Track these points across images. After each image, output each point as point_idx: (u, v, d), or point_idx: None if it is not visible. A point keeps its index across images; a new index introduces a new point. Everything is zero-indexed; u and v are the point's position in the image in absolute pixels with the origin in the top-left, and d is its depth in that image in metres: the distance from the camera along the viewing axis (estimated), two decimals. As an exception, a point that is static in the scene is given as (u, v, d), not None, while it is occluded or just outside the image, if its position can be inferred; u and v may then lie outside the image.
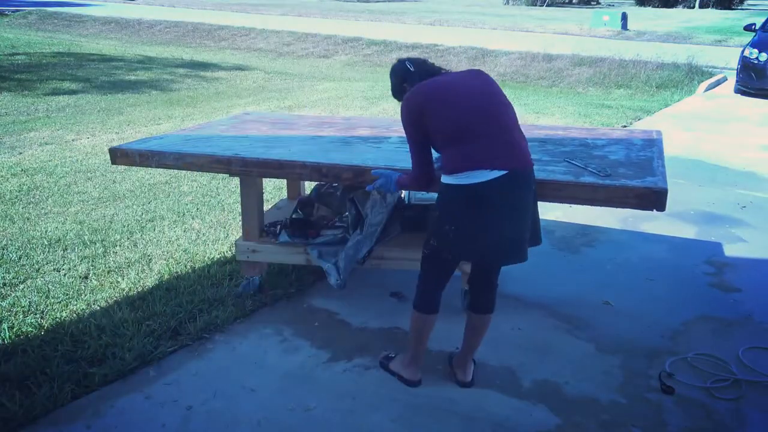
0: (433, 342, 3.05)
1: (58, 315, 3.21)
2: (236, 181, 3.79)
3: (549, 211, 4.83)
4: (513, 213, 2.36)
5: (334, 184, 3.61)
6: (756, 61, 10.10)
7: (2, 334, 3.02)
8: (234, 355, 2.95)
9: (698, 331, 3.22)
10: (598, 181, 2.69)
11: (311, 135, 3.65)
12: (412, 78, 2.50)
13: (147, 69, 12.10)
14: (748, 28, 11.40)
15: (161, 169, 5.22)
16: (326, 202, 3.64)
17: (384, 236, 3.35)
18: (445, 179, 2.38)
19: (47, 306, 3.30)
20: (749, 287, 3.71)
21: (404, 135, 2.49)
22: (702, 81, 11.30)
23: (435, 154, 2.52)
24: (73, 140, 6.77)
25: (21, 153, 6.22)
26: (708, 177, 5.88)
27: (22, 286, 3.52)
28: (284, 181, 4.77)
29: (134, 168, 5.36)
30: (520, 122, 2.50)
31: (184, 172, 5.23)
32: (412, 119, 2.40)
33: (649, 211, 2.70)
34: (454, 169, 2.33)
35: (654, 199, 2.59)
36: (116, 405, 2.57)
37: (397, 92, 2.60)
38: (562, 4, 38.84)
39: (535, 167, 2.48)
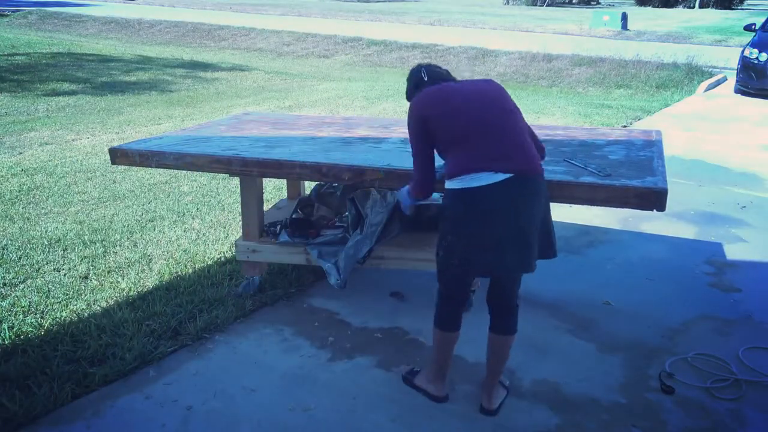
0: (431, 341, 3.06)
1: (58, 315, 3.21)
2: (236, 181, 3.80)
3: (549, 211, 4.83)
4: (518, 219, 2.26)
5: (334, 184, 3.61)
6: (756, 61, 10.10)
7: (2, 334, 3.02)
8: (234, 355, 2.95)
9: (698, 331, 3.22)
10: (598, 181, 2.69)
11: (311, 135, 3.65)
12: (424, 86, 2.49)
13: (147, 69, 12.10)
14: (748, 28, 11.40)
15: (161, 169, 5.22)
16: (326, 202, 3.64)
17: (384, 236, 3.35)
18: (448, 184, 2.33)
19: (47, 306, 3.30)
20: (749, 287, 3.72)
21: (405, 135, 2.48)
22: (702, 81, 11.30)
23: (438, 162, 2.47)
24: (73, 140, 6.77)
25: (21, 153, 6.22)
26: (708, 177, 5.88)
27: (22, 286, 3.52)
28: (284, 181, 4.77)
29: (134, 168, 5.36)
30: None
31: (184, 172, 5.23)
32: (415, 123, 2.39)
33: (649, 211, 2.70)
34: (456, 172, 2.29)
35: (654, 199, 2.59)
36: (116, 405, 2.57)
37: (410, 97, 2.57)
38: (562, 4, 38.84)
39: None
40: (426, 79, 2.50)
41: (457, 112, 2.32)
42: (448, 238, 2.35)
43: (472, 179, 2.25)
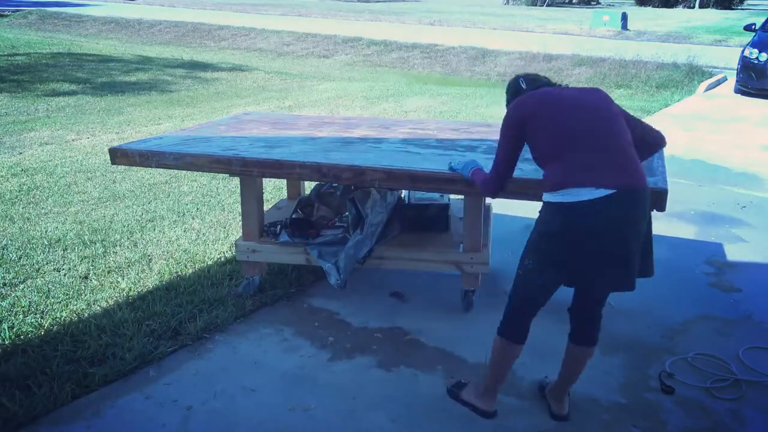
0: (433, 341, 3.06)
1: (58, 315, 3.21)
2: (236, 181, 3.79)
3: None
4: (619, 236, 2.13)
5: (334, 184, 3.61)
6: (756, 61, 10.10)
7: (2, 334, 3.02)
8: (234, 355, 2.95)
9: (698, 331, 3.22)
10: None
11: (311, 135, 3.65)
12: (524, 93, 2.39)
13: (147, 69, 12.10)
14: (748, 28, 11.40)
15: (161, 169, 5.22)
16: (326, 202, 3.64)
17: (384, 236, 3.35)
18: (546, 197, 2.21)
19: (47, 306, 3.30)
20: (749, 287, 3.71)
21: (405, 135, 2.48)
22: (702, 81, 11.30)
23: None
24: (73, 140, 6.77)
25: (21, 153, 6.22)
26: (708, 177, 5.88)
27: (22, 286, 3.52)
28: (284, 181, 4.77)
29: (134, 168, 5.36)
30: None
31: (184, 172, 5.23)
32: (511, 122, 2.29)
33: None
34: (556, 185, 2.16)
35: (654, 199, 2.58)
36: (116, 405, 2.57)
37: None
38: (562, 4, 38.84)
39: (535, 167, 2.42)
40: (525, 87, 2.41)
41: (559, 119, 2.20)
42: (542, 247, 2.24)
43: (570, 194, 2.12)
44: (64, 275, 3.65)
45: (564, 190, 2.13)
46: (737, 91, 10.45)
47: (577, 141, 2.16)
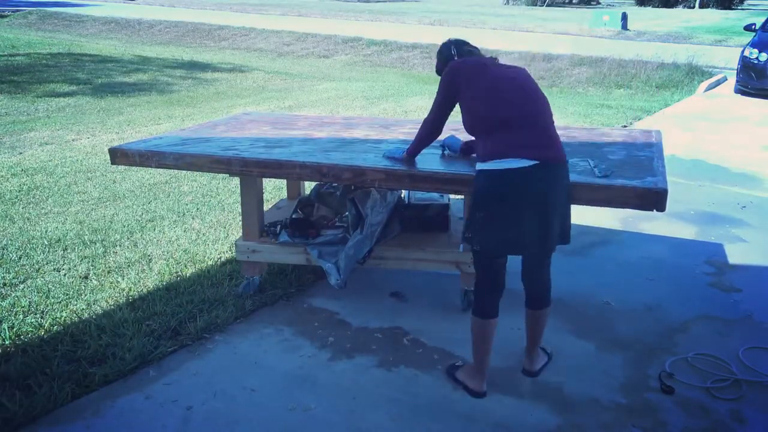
0: (433, 341, 3.06)
1: (58, 315, 3.21)
2: (236, 181, 3.79)
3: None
4: (542, 204, 2.39)
5: (334, 184, 3.61)
6: (756, 61, 10.10)
7: (2, 334, 3.02)
8: (234, 355, 2.95)
9: (698, 331, 3.22)
10: (598, 181, 2.68)
11: (311, 135, 3.65)
12: (452, 59, 2.65)
13: (147, 69, 12.10)
14: (748, 28, 11.40)
15: (161, 169, 5.22)
16: (326, 202, 3.64)
17: (384, 236, 3.35)
18: (479, 166, 2.45)
19: (47, 306, 3.30)
20: (749, 287, 3.71)
21: (405, 136, 2.50)
22: (702, 81, 11.30)
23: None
24: (73, 140, 6.78)
25: (21, 153, 6.22)
26: (708, 177, 5.88)
27: (22, 286, 3.52)
28: (284, 181, 4.77)
29: (134, 168, 5.36)
30: None
31: (184, 172, 5.23)
32: (447, 85, 2.55)
33: (650, 211, 2.70)
34: (488, 155, 2.41)
35: (654, 199, 2.58)
36: (116, 405, 2.57)
37: (440, 71, 2.71)
38: (562, 4, 38.84)
39: None
40: (455, 53, 2.66)
41: (496, 95, 2.45)
42: (476, 215, 2.46)
43: (500, 163, 2.37)
44: (64, 275, 3.65)
45: (495, 160, 2.39)
46: (737, 91, 10.45)
47: (511, 119, 2.42)
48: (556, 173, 2.42)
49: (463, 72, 2.54)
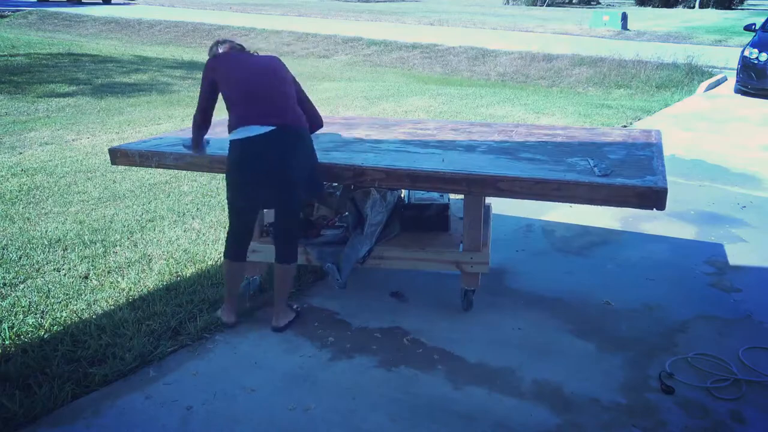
0: (433, 341, 3.06)
1: (58, 315, 3.21)
2: (236, 181, 3.78)
3: (549, 211, 4.83)
4: (282, 160, 2.82)
5: (334, 184, 3.61)
6: (756, 61, 10.10)
7: (2, 334, 3.02)
8: (234, 355, 2.95)
9: (698, 331, 3.22)
10: (598, 180, 2.69)
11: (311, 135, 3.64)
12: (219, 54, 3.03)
13: (147, 69, 12.10)
14: (748, 28, 11.40)
15: (161, 169, 5.22)
16: (326, 202, 3.64)
17: (384, 236, 3.35)
18: (229, 137, 2.88)
19: (47, 306, 3.30)
20: (749, 287, 3.71)
21: (405, 136, 2.51)
22: (702, 81, 11.30)
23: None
24: (73, 140, 6.77)
25: (21, 153, 6.22)
26: (708, 177, 5.88)
27: (22, 286, 3.52)
28: (284, 181, 4.76)
29: (134, 168, 5.35)
30: (519, 122, 2.53)
31: (184, 172, 5.23)
32: (206, 75, 2.95)
33: (649, 211, 2.70)
34: (233, 126, 2.86)
35: (654, 198, 2.59)
36: (116, 405, 2.57)
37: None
38: (562, 4, 38.84)
39: (535, 167, 2.49)
40: (220, 50, 3.02)
41: (242, 77, 2.89)
42: (228, 177, 2.94)
43: (238, 132, 2.84)
44: (64, 275, 3.65)
45: (237, 129, 2.84)
46: (737, 91, 10.45)
47: (251, 95, 2.87)
48: (286, 137, 2.84)
49: (219, 63, 2.93)
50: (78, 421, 2.48)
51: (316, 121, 3.13)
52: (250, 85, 2.87)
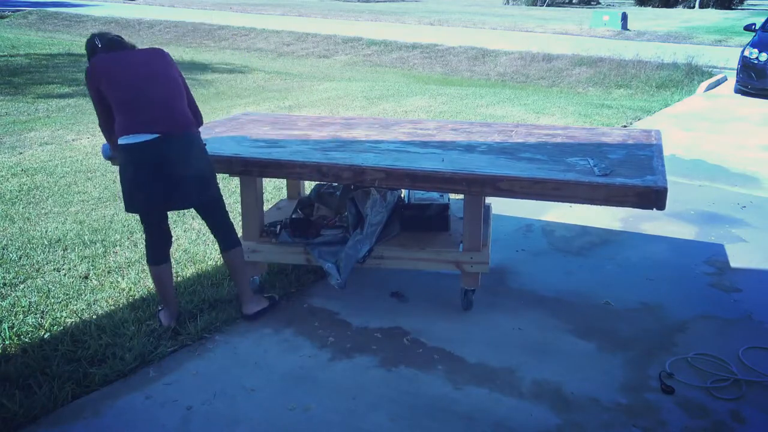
0: (433, 341, 3.06)
1: (58, 315, 3.21)
2: (236, 181, 3.80)
3: (549, 211, 4.83)
4: (170, 165, 2.78)
5: (334, 184, 3.61)
6: (756, 61, 10.10)
7: (2, 334, 3.02)
8: (234, 355, 2.95)
9: (698, 331, 3.22)
10: (598, 180, 2.69)
11: (311, 135, 3.65)
12: (98, 52, 2.87)
13: (147, 69, 12.07)
14: (748, 28, 11.40)
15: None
16: (326, 202, 3.64)
17: (384, 236, 3.35)
18: (119, 141, 2.81)
19: (47, 306, 3.30)
20: (749, 287, 3.71)
21: (405, 136, 2.51)
22: (702, 81, 11.29)
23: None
24: (73, 140, 6.78)
25: (21, 153, 6.22)
26: (708, 177, 5.88)
27: (22, 286, 3.52)
28: (284, 181, 4.77)
29: (134, 168, 5.35)
30: (519, 122, 2.53)
31: (184, 172, 5.22)
32: (90, 80, 2.82)
33: (649, 211, 2.70)
34: (122, 131, 2.78)
35: (654, 197, 2.59)
36: (116, 405, 2.57)
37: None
38: (562, 4, 38.83)
39: (534, 167, 2.48)
40: (100, 46, 2.87)
41: (120, 81, 2.77)
42: (121, 183, 2.88)
43: (127, 138, 2.76)
44: (64, 275, 3.65)
45: (127, 135, 2.77)
46: (737, 91, 10.45)
47: (134, 101, 2.76)
48: (176, 143, 2.79)
49: (102, 66, 2.79)
50: (78, 421, 2.48)
51: (197, 119, 3.01)
52: (132, 91, 2.77)
